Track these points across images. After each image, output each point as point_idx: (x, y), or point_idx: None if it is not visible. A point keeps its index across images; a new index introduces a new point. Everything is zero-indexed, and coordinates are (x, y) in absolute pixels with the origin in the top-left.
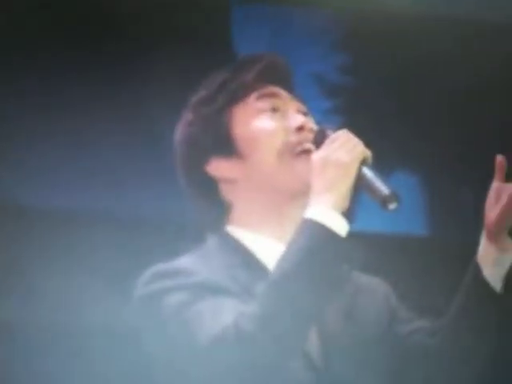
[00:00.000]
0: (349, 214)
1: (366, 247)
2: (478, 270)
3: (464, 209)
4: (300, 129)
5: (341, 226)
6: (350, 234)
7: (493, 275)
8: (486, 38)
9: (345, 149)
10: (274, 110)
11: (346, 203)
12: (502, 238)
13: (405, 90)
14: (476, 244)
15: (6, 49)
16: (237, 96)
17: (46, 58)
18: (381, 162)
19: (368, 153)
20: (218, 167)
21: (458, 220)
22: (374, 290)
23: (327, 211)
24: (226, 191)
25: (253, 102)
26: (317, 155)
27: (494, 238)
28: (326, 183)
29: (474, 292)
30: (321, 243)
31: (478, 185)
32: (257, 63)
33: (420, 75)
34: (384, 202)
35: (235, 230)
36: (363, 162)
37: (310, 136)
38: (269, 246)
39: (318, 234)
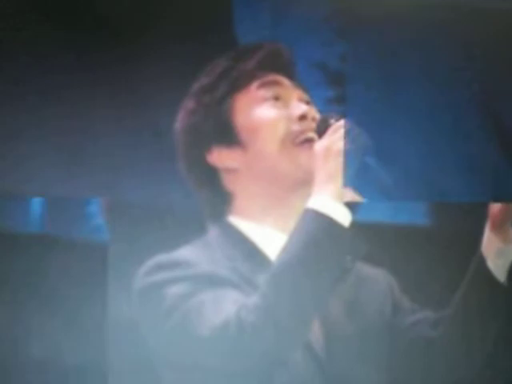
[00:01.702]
0: (351, 205)
1: (368, 237)
2: (482, 261)
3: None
4: (302, 117)
5: (344, 217)
6: (352, 225)
7: (497, 266)
8: (491, 24)
9: (347, 139)
10: (276, 98)
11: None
12: (506, 229)
13: (407, 78)
14: (478, 234)
15: None
16: (238, 84)
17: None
18: (383, 152)
19: (370, 143)
20: (220, 156)
21: (461, 210)
22: (376, 281)
23: (330, 201)
24: (228, 181)
25: (254, 90)
26: (319, 144)
27: (497, 229)
28: (328, 173)
29: (478, 282)
30: (324, 233)
31: None
32: (258, 51)
33: (422, 63)
34: (387, 191)
35: (237, 221)
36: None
37: (313, 125)
38: (271, 237)
39: (321, 224)
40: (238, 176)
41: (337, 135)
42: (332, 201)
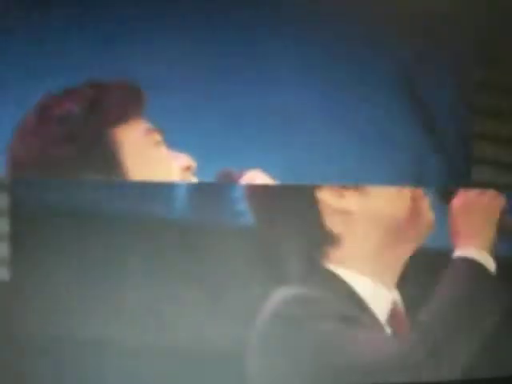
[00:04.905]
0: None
1: None
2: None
3: None
4: (187, 168)
5: (491, 266)
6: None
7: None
8: None
9: (487, 196)
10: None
11: (491, 247)
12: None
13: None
14: None
15: None
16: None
17: None
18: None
19: (503, 203)
20: (332, 195)
21: None
22: None
23: (479, 252)
24: (336, 222)
25: None
26: (460, 201)
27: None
28: (473, 227)
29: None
30: (478, 279)
31: None
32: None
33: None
34: None
35: (340, 270)
36: (503, 212)
37: None
38: (374, 291)
39: (477, 270)
40: (350, 218)
41: (472, 193)
42: (481, 252)
